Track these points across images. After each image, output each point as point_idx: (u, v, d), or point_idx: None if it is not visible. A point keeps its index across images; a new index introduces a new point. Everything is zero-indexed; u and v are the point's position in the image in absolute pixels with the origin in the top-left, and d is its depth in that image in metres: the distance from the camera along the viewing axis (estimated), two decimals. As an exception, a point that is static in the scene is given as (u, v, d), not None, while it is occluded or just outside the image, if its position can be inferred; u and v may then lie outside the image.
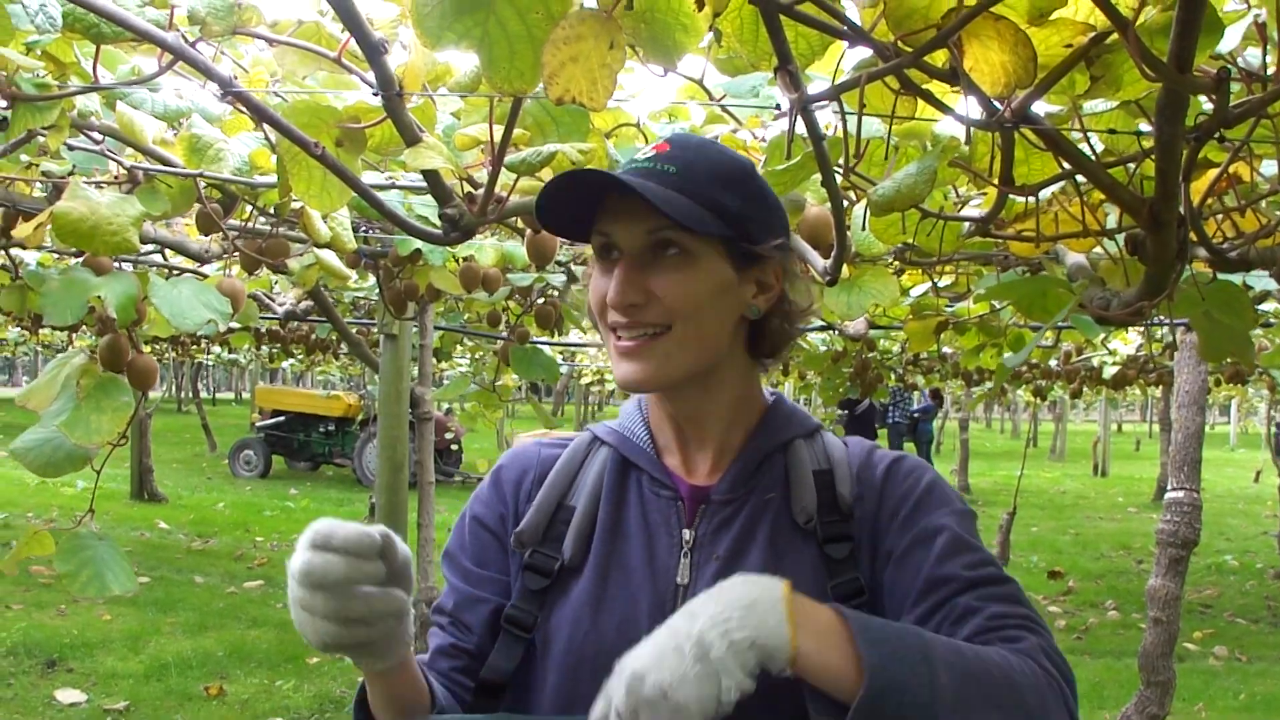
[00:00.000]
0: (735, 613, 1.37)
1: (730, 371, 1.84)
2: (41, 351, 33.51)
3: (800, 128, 1.82)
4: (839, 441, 1.88)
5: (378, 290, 6.07)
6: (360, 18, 1.89)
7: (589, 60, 1.71)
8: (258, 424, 23.84)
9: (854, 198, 2.77)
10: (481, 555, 1.89)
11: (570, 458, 1.91)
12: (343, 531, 1.44)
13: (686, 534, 1.78)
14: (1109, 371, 11.33)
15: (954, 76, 1.75)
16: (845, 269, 3.03)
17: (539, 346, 6.02)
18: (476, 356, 14.07)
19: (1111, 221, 2.62)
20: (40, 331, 12.96)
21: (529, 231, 3.63)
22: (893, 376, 13.15)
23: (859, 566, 1.74)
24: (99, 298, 2.87)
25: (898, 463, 1.83)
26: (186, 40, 2.23)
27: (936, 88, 1.92)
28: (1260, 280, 4.09)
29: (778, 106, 2.36)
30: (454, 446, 22.45)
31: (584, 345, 9.86)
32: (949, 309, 5.26)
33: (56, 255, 6.08)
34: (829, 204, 2.26)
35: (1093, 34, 1.71)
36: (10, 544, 13.19)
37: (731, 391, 1.85)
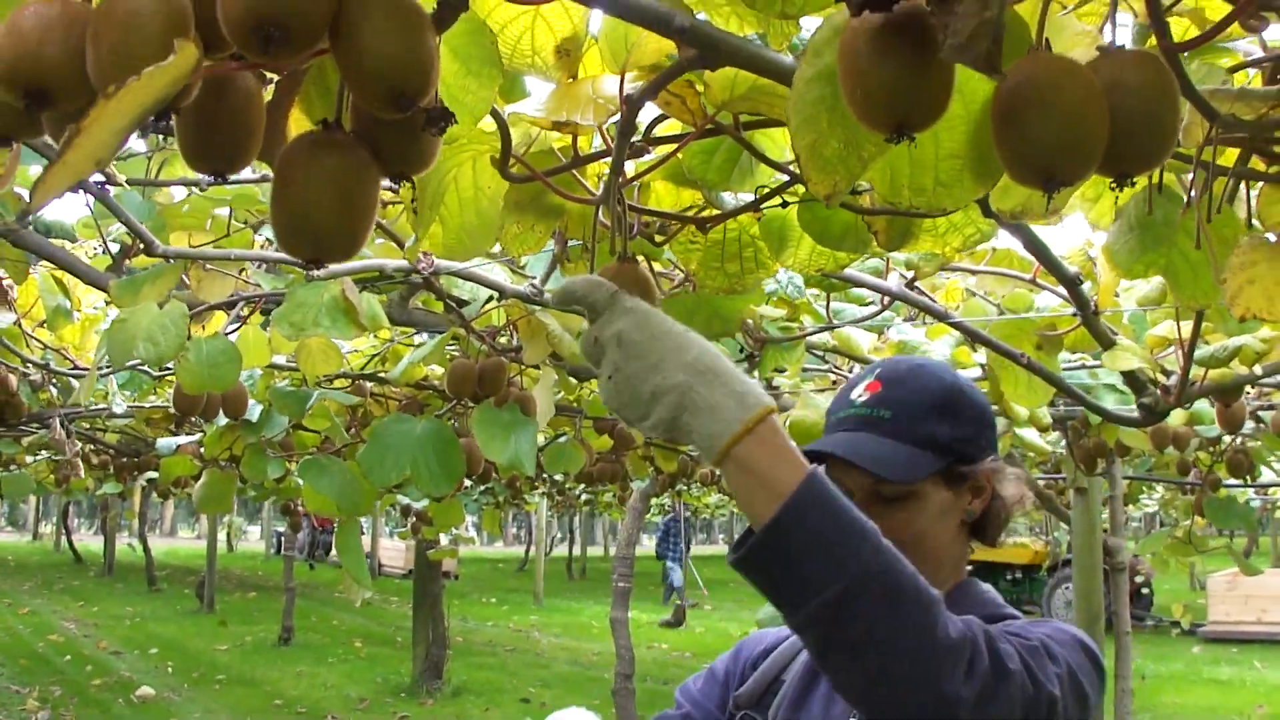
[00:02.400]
0: (708, 372, 1.44)
1: (948, 563, 2.02)
2: (737, 514, 35.53)
3: None
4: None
5: (1064, 445, 6.30)
6: (1056, 260, 2.22)
7: (1265, 280, 1.94)
8: (944, 575, 24.13)
9: None
10: (708, 691, 2.19)
11: (793, 643, 2.13)
12: None
13: None
14: None
15: None
16: None
17: (1234, 495, 5.99)
18: (1166, 498, 13.81)
19: None
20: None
21: (1218, 405, 3.80)
22: None
23: None
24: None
25: (1013, 622, 1.90)
26: (902, 280, 2.66)
27: None
28: None
29: None
30: (1144, 590, 21.72)
31: (1273, 486, 9.52)
32: None
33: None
34: None
35: None
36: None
37: (947, 580, 2.00)
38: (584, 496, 22.38)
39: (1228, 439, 6.09)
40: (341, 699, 13.86)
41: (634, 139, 1.74)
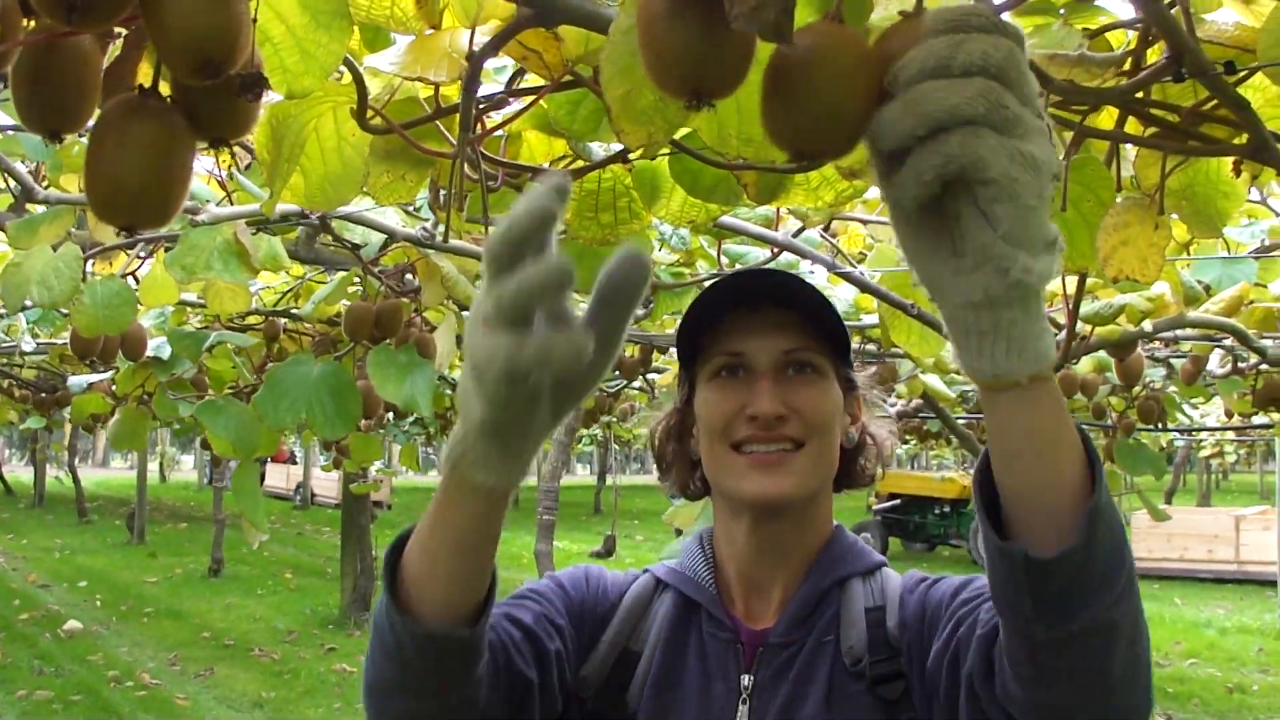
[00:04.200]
0: None
1: (826, 500, 1.79)
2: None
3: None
4: (899, 576, 1.78)
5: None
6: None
7: (1138, 242, 1.95)
8: (875, 507, 24.37)
9: None
10: (558, 602, 1.76)
11: (634, 601, 1.82)
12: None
13: (745, 679, 1.70)
14: None
15: None
16: None
17: (1142, 441, 6.07)
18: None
19: None
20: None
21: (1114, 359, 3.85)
22: None
23: (915, 705, 1.63)
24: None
25: (941, 579, 1.72)
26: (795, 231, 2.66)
27: None
28: None
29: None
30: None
31: (1196, 429, 9.66)
32: None
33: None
34: None
35: None
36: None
37: (821, 522, 1.78)
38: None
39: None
40: (269, 631, 13.89)
41: (496, 92, 1.72)
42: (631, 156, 1.92)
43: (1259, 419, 7.89)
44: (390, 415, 7.22)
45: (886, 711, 1.63)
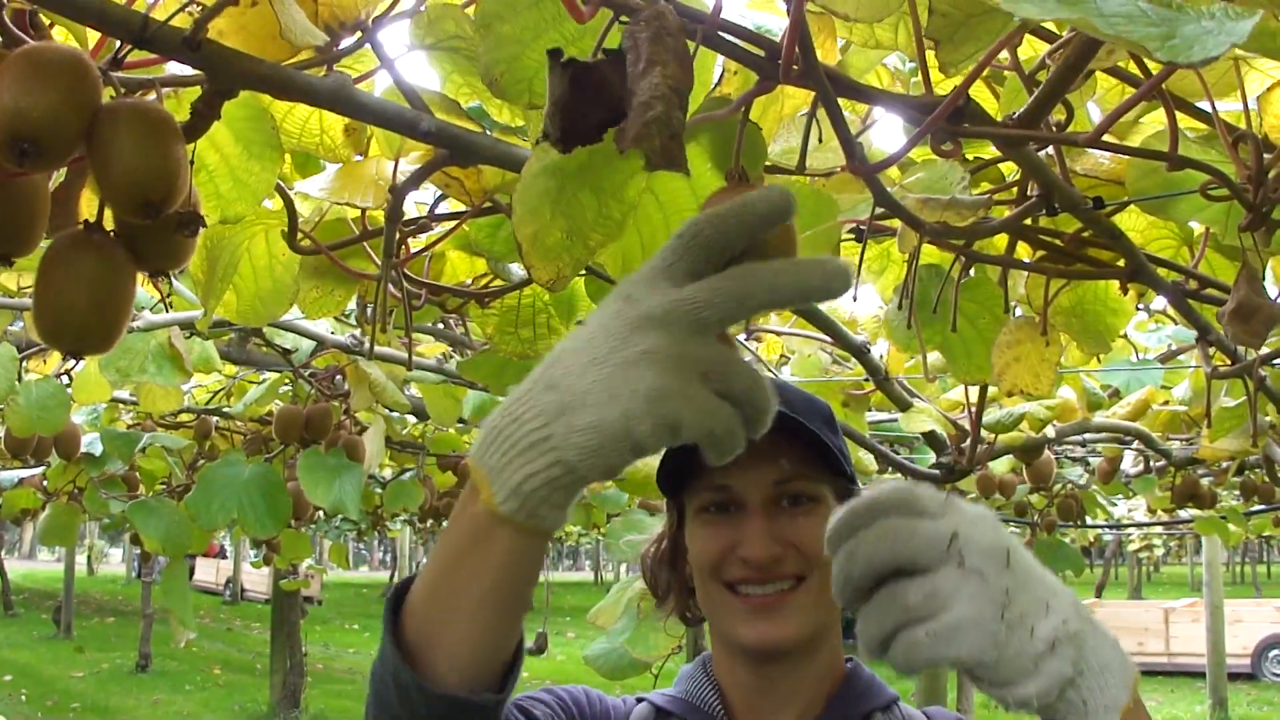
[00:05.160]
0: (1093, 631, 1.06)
1: (834, 630, 1.68)
2: (605, 544, 35.82)
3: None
4: (918, 712, 1.71)
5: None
6: (843, 331, 2.34)
7: (1029, 359, 2.07)
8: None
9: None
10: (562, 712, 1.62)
11: None
12: None
13: None
14: None
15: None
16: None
17: (1062, 540, 6.22)
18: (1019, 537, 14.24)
19: None
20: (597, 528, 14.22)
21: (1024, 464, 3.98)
22: None
23: None
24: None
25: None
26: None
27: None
28: None
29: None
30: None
31: (1125, 525, 9.82)
32: None
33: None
34: None
35: None
36: None
37: (828, 655, 1.67)
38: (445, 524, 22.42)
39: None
40: (197, 729, 13.72)
41: (419, 216, 1.82)
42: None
43: (1185, 512, 8.09)
44: (320, 513, 7.26)
45: None
